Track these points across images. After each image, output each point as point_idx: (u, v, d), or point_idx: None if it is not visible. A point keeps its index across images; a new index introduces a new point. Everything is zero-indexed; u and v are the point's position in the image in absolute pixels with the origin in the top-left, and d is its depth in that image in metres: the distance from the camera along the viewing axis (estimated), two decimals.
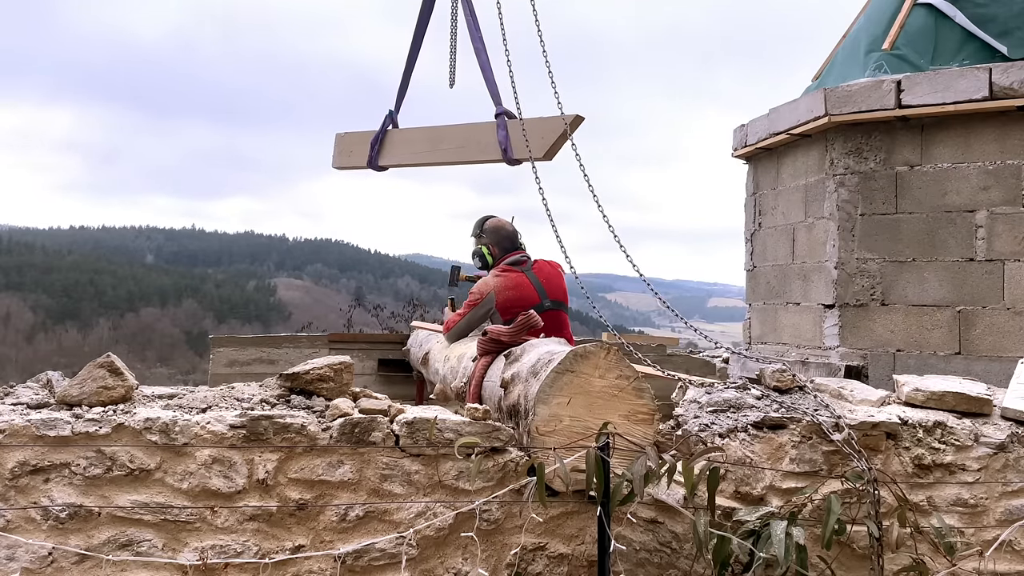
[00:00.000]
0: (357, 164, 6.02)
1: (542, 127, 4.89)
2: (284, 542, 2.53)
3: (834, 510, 2.60)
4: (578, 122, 4.87)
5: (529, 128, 4.85)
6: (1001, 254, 5.18)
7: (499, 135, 5.15)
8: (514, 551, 2.66)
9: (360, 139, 6.00)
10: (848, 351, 5.61)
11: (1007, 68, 5.11)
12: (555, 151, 4.93)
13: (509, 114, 5.14)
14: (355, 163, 6.03)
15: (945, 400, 3.11)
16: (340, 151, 6.12)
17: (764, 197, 6.71)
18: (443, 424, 2.64)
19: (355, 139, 6.04)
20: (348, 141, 6.10)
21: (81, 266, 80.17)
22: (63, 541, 2.40)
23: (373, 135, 5.87)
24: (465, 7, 5.43)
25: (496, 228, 4.97)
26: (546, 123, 4.88)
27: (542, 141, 4.86)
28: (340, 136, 6.14)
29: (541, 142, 4.86)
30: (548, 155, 4.93)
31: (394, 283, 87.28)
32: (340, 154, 6.12)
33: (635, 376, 2.72)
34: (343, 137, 6.12)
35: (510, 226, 5.00)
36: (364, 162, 5.94)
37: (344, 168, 6.15)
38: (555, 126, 4.78)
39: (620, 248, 3.99)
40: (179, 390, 2.88)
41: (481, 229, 5.02)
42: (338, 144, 6.14)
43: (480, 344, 3.74)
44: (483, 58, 5.35)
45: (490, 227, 4.98)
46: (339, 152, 6.13)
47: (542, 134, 4.87)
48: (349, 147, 6.07)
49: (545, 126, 4.88)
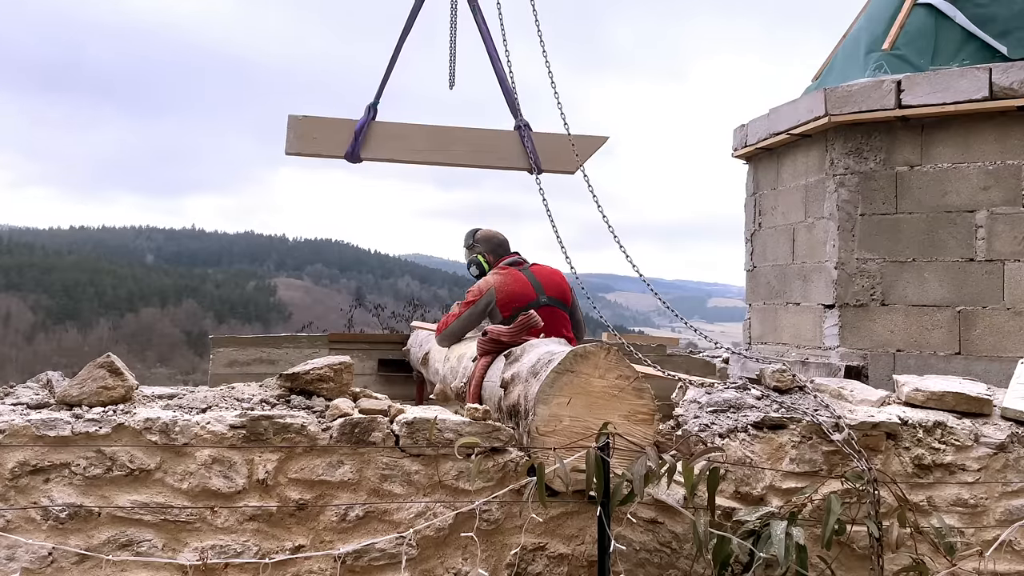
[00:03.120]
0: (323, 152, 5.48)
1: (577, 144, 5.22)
2: (284, 542, 2.53)
3: (834, 510, 2.60)
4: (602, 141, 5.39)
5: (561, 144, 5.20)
6: (1001, 254, 5.18)
7: (526, 145, 5.30)
8: (514, 551, 2.66)
9: (323, 125, 5.47)
10: (848, 351, 5.61)
11: (1007, 68, 5.12)
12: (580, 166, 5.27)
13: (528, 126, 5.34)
14: (319, 150, 5.48)
15: (945, 400, 3.11)
16: (297, 135, 5.43)
17: (764, 197, 6.71)
18: (443, 424, 2.64)
19: (316, 124, 5.47)
20: (307, 125, 5.46)
21: (81, 266, 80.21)
22: (63, 541, 2.40)
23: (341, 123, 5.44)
24: (477, 17, 5.38)
25: (489, 237, 5.15)
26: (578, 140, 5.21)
27: (576, 158, 5.18)
28: (296, 119, 5.46)
29: (573, 159, 5.18)
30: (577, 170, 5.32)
31: (394, 283, 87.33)
32: (297, 139, 5.44)
33: (635, 376, 2.72)
34: (300, 120, 5.46)
35: (501, 235, 5.18)
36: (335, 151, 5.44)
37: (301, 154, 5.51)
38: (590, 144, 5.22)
39: (620, 248, 3.99)
40: (179, 390, 2.88)
41: (473, 239, 5.19)
42: (293, 127, 5.45)
43: (480, 344, 3.75)
44: (499, 67, 5.34)
45: (482, 236, 5.17)
46: (296, 136, 5.43)
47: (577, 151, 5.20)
48: (309, 132, 5.44)
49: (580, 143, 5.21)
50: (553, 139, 5.34)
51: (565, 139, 5.21)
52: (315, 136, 5.47)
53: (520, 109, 5.38)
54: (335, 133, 5.48)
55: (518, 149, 5.39)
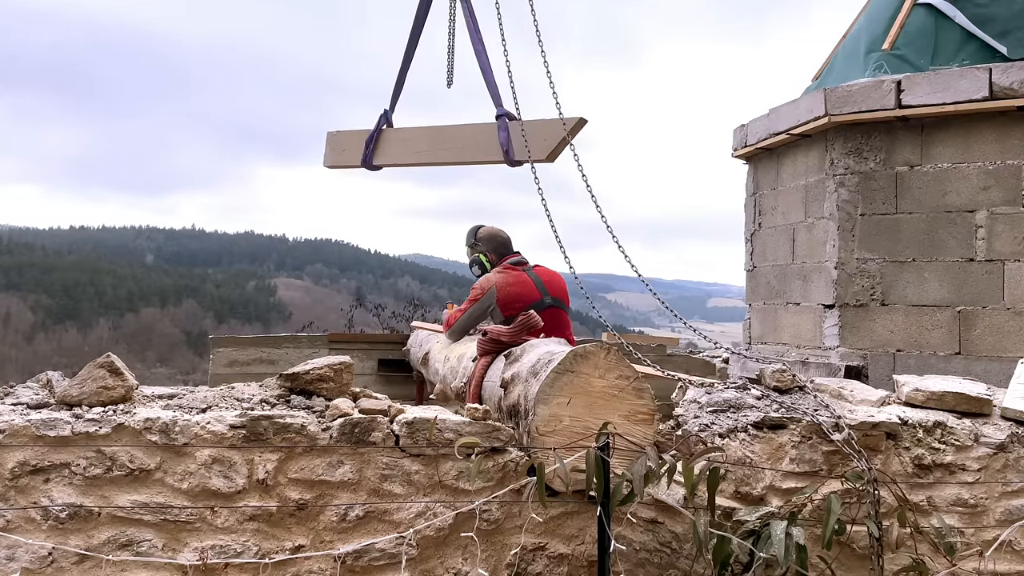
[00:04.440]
0: (350, 163, 5.93)
1: (544, 129, 4.92)
2: (284, 542, 2.53)
3: (834, 510, 2.60)
4: (580, 125, 4.88)
5: (531, 130, 4.92)
6: (1001, 254, 5.18)
7: (500, 136, 5.16)
8: (514, 551, 2.66)
9: (352, 138, 5.92)
10: (848, 351, 5.61)
11: (1007, 68, 5.12)
12: (557, 154, 4.99)
13: (510, 116, 5.17)
14: (347, 162, 5.94)
15: (945, 400, 3.11)
16: (332, 149, 6.02)
17: (764, 197, 6.71)
18: (443, 424, 2.64)
19: (347, 138, 5.95)
20: (340, 139, 6.00)
21: (81, 266, 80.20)
22: (63, 541, 2.40)
23: (367, 134, 5.80)
24: (465, 8, 5.42)
25: (491, 235, 5.11)
26: (548, 125, 4.90)
27: (544, 144, 4.91)
28: (332, 135, 6.04)
29: (543, 144, 4.91)
30: (550, 158, 4.99)
31: (394, 283, 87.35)
32: (332, 152, 6.01)
33: (635, 376, 2.72)
34: (335, 136, 6.03)
35: (504, 233, 5.14)
36: (357, 161, 5.85)
37: (336, 167, 6.05)
38: (557, 129, 4.80)
39: (619, 249, 3.99)
40: (179, 390, 2.88)
41: (475, 238, 5.16)
42: (330, 142, 6.04)
43: (480, 344, 3.75)
44: (483, 59, 5.36)
45: (484, 235, 5.13)
46: (331, 150, 6.02)
47: (544, 136, 4.90)
48: (341, 145, 5.97)
49: (547, 128, 4.90)
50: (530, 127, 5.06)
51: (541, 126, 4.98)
52: (344, 149, 5.88)
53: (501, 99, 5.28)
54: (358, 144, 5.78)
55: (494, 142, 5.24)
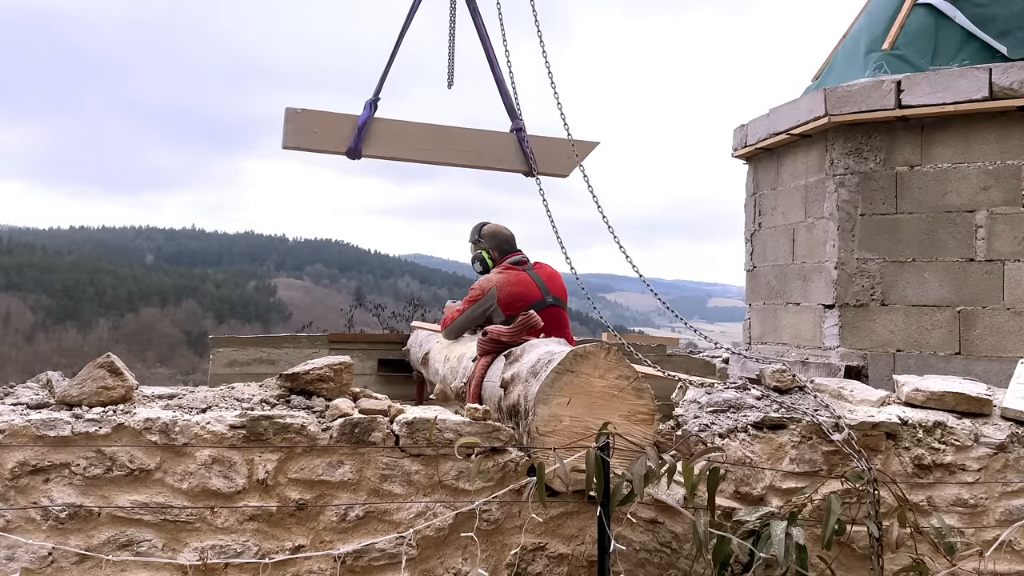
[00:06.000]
0: (322, 147, 5.35)
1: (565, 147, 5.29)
2: (284, 542, 2.53)
3: (834, 510, 2.60)
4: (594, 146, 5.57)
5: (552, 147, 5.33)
6: (1001, 254, 5.18)
7: (524, 148, 5.37)
8: (514, 551, 2.66)
9: (322, 120, 5.32)
10: (848, 351, 5.61)
11: (1007, 68, 5.12)
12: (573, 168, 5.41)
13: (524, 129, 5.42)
14: (318, 145, 5.34)
15: (945, 400, 3.11)
16: (295, 129, 5.26)
17: (764, 197, 6.71)
18: (443, 424, 2.64)
19: (316, 119, 5.32)
20: (306, 119, 5.30)
21: (81, 266, 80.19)
22: (63, 541, 2.40)
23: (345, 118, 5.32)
24: (477, 19, 5.39)
25: (494, 233, 5.08)
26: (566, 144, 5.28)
27: (568, 161, 5.26)
28: (294, 112, 5.27)
29: (567, 162, 5.27)
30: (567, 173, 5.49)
31: (394, 283, 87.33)
32: (295, 132, 5.26)
33: (635, 376, 2.72)
34: (298, 114, 5.28)
35: (507, 230, 5.12)
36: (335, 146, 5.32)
37: (299, 148, 5.39)
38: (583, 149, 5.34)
39: (620, 249, 3.99)
40: (179, 390, 2.88)
41: (479, 235, 5.14)
42: (291, 120, 5.26)
43: (480, 344, 3.75)
44: (498, 71, 5.36)
45: (488, 232, 5.10)
46: (294, 130, 5.26)
47: (568, 154, 5.24)
48: (309, 126, 5.30)
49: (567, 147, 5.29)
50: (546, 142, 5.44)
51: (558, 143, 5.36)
52: (315, 131, 5.32)
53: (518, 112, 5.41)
54: (335, 128, 5.34)
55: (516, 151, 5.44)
